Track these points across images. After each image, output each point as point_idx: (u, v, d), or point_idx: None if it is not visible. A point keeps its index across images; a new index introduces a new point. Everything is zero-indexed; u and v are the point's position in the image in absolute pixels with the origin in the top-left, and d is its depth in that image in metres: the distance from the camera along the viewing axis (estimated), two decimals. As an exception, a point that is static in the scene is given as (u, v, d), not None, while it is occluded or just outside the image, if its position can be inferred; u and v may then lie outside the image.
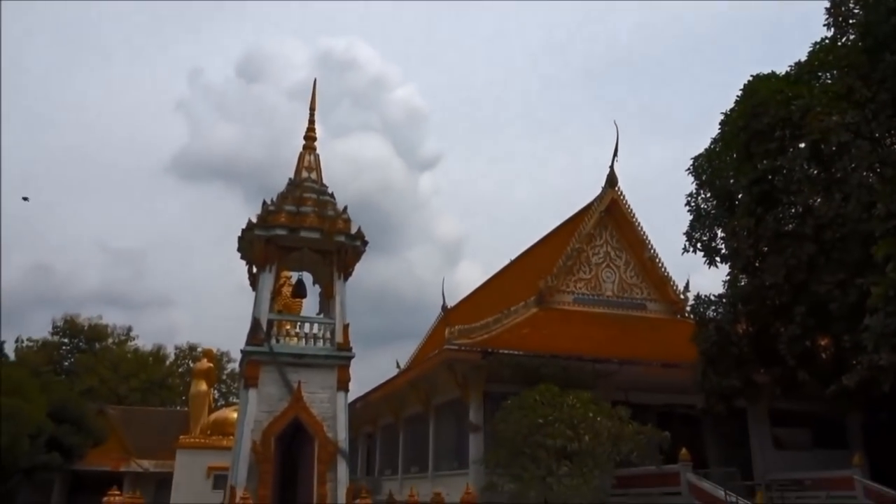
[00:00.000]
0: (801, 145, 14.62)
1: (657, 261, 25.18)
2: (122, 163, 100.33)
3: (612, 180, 25.34)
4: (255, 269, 15.04)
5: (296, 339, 14.34)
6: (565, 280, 23.97)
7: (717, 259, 17.24)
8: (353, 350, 14.30)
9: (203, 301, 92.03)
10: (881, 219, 12.27)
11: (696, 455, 17.30)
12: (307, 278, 16.41)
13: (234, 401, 45.79)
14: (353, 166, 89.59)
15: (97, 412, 40.59)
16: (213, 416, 31.47)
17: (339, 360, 14.06)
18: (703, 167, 17.55)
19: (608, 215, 25.34)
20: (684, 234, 17.82)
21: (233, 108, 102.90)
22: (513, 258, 32.99)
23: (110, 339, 59.95)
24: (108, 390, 52.74)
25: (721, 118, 17.08)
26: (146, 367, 57.84)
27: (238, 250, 15.17)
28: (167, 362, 61.17)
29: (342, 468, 13.43)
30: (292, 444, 13.67)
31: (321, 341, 14.25)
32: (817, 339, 15.59)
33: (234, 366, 54.14)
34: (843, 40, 15.01)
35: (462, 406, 19.34)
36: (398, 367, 35.69)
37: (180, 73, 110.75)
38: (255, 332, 13.74)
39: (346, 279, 14.84)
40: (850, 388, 13.12)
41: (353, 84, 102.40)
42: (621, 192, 25.42)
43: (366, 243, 15.05)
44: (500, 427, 15.57)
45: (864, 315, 12.18)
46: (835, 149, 13.76)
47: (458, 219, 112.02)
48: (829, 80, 15.37)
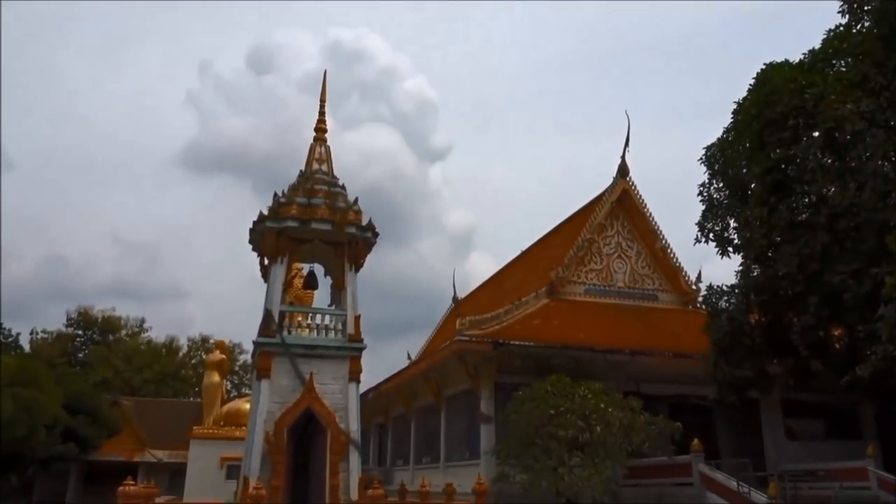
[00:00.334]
0: (815, 134, 14.48)
1: (669, 251, 25.07)
2: (134, 155, 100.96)
3: (623, 170, 25.22)
4: (266, 261, 15.10)
5: (307, 330, 14.38)
6: (576, 271, 23.91)
7: (730, 249, 17.12)
8: (364, 341, 14.35)
9: (215, 293, 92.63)
10: (896, 208, 12.15)
11: (708, 446, 17.25)
12: (318, 270, 16.46)
13: (247, 392, 46.09)
14: (363, 158, 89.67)
15: (111, 403, 41.01)
16: (225, 408, 31.67)
17: (350, 352, 14.12)
18: (716, 157, 17.41)
19: (619, 205, 25.24)
20: (696, 224, 17.70)
21: (243, 100, 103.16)
22: (524, 249, 32.97)
23: (124, 331, 60.45)
24: (122, 382, 53.25)
25: (734, 107, 16.93)
26: (159, 359, 58.31)
27: (250, 242, 15.22)
28: (180, 354, 61.64)
29: (354, 459, 13.50)
30: (305, 434, 13.75)
31: (333, 332, 14.30)
32: (831, 329, 15.47)
33: (247, 357, 54.48)
34: (858, 27, 14.81)
35: (473, 397, 19.38)
36: (409, 358, 35.80)
37: (190, 65, 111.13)
38: (268, 324, 13.81)
39: (357, 270, 14.87)
40: (863, 378, 13.03)
41: (362, 75, 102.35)
42: (633, 183, 25.30)
43: (377, 235, 15.07)
44: (512, 418, 15.58)
45: (879, 305, 12.08)
46: (849, 137, 13.61)
47: (469, 210, 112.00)
48: (844, 68, 15.18)
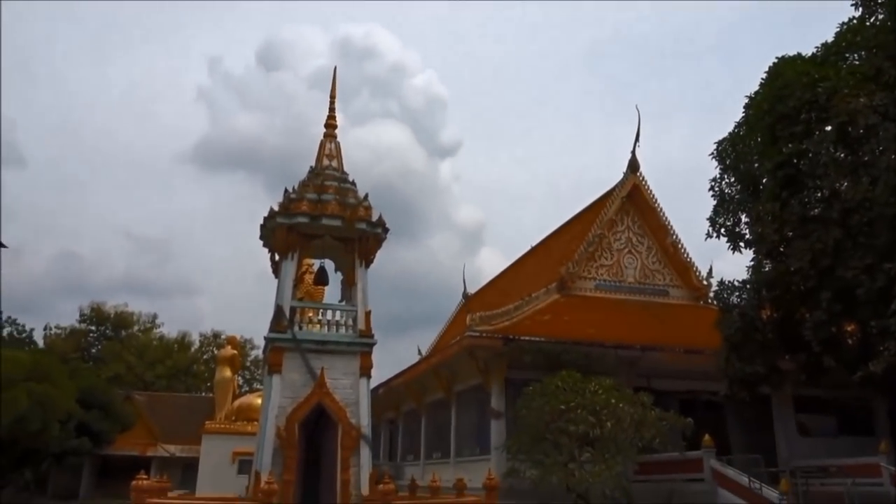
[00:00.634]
0: (828, 128, 14.37)
1: (680, 246, 24.97)
2: (145, 152, 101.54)
3: (633, 165, 25.13)
4: (277, 257, 15.14)
5: (318, 326, 14.41)
6: (587, 266, 23.87)
7: (742, 244, 17.03)
8: (374, 337, 14.38)
9: (226, 289, 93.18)
10: (910, 202, 12.04)
11: (719, 441, 17.21)
12: (329, 266, 16.49)
13: (258, 387, 46.36)
14: (373, 154, 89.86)
15: (124, 398, 41.36)
16: (237, 403, 31.88)
17: (361, 347, 14.13)
18: (727, 151, 17.32)
19: (630, 201, 25.15)
20: (708, 219, 17.63)
21: (253, 96, 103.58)
22: (534, 245, 32.94)
23: (136, 327, 60.87)
24: (135, 377, 53.66)
25: (745, 101, 16.83)
26: (171, 354, 58.71)
27: (260, 238, 15.26)
28: (192, 349, 62.03)
29: (365, 454, 13.53)
30: (316, 429, 13.80)
31: (343, 328, 14.32)
32: (843, 324, 15.36)
33: (258, 352, 54.79)
34: (872, 20, 14.68)
35: (483, 392, 19.40)
36: (420, 353, 35.87)
37: (200, 62, 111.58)
38: (279, 319, 13.84)
39: (367, 266, 14.88)
40: (876, 374, 12.95)
41: (372, 71, 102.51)
42: (643, 178, 25.20)
43: (387, 231, 15.07)
44: (522, 413, 15.59)
45: (892, 300, 12.00)
46: (862, 131, 13.50)
47: (479, 205, 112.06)
48: (857, 62, 15.05)
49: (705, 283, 24.56)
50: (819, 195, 14.91)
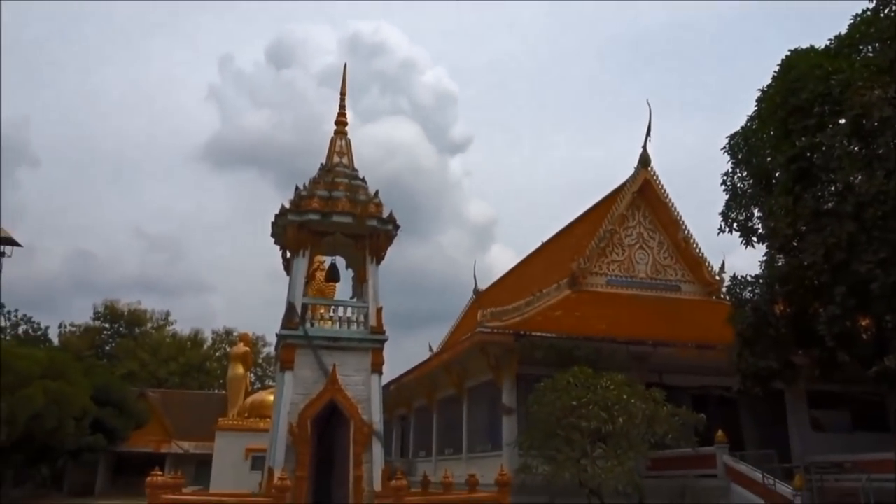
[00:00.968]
0: (842, 121, 14.21)
1: (692, 241, 24.83)
2: (157, 151, 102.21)
3: (644, 160, 24.99)
4: (288, 254, 15.19)
5: (330, 322, 14.45)
6: (598, 262, 23.79)
7: (754, 239, 16.88)
8: (386, 333, 14.41)
9: (238, 286, 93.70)
10: (925, 195, 11.90)
11: (732, 437, 17.15)
12: (340, 262, 16.54)
13: (270, 384, 46.57)
14: (383, 150, 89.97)
15: (138, 395, 41.70)
16: (250, 399, 32.07)
17: (372, 344, 14.17)
18: (740, 145, 17.17)
19: (641, 196, 25.03)
20: (720, 213, 17.47)
21: (263, 94, 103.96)
22: (544, 241, 32.85)
23: (149, 324, 61.30)
24: (149, 374, 54.04)
25: (758, 95, 16.68)
26: (184, 352, 59.08)
27: (272, 235, 15.32)
28: (205, 346, 62.39)
29: (377, 450, 13.57)
30: (328, 426, 13.85)
31: (355, 325, 14.35)
32: (858, 319, 15.21)
33: (270, 349, 55.03)
34: (886, 11, 14.49)
35: (495, 388, 19.40)
36: (431, 350, 35.90)
37: (211, 60, 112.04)
38: (290, 316, 13.89)
39: (378, 263, 14.91)
40: (891, 369, 12.82)
41: (382, 68, 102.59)
42: (654, 173, 25.06)
43: (397, 227, 15.09)
44: (534, 409, 15.58)
45: (907, 295, 11.87)
46: (877, 124, 13.34)
47: (489, 201, 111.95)
48: (871, 54, 14.86)
49: (718, 278, 24.41)
50: (833, 189, 14.75)
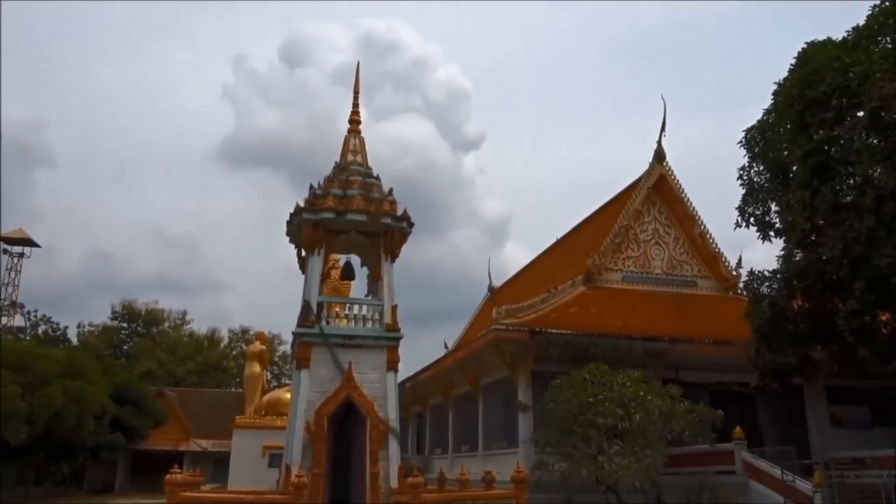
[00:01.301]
0: (860, 114, 14.03)
1: (708, 237, 24.64)
2: (173, 151, 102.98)
3: (659, 155, 24.83)
4: (304, 253, 15.26)
5: (345, 320, 14.49)
6: (613, 258, 23.68)
7: (772, 233, 16.75)
8: (401, 331, 14.43)
9: (254, 285, 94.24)
10: (946, 188, 11.74)
11: (750, 433, 17.03)
12: (355, 261, 16.59)
13: (287, 382, 46.84)
14: (397, 148, 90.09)
15: (156, 394, 42.06)
16: (266, 397, 32.21)
17: (388, 341, 14.21)
18: (756, 139, 17.02)
19: (656, 191, 24.88)
20: (737, 208, 17.34)
21: (277, 93, 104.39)
22: (559, 237, 32.75)
23: (167, 323, 61.75)
24: (166, 373, 54.47)
25: (774, 88, 16.53)
26: (201, 350, 59.47)
27: (287, 234, 15.39)
28: (221, 345, 62.76)
29: (394, 447, 13.61)
30: (345, 423, 13.91)
31: (370, 323, 14.39)
32: (877, 314, 15.05)
33: (286, 348, 55.38)
34: (905, 2, 14.31)
35: (511, 385, 19.37)
36: (446, 347, 35.92)
37: (224, 60, 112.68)
38: (306, 315, 13.95)
39: (393, 261, 14.94)
40: (912, 364, 12.70)
41: (394, 66, 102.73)
42: (669, 168, 24.90)
43: (412, 225, 15.10)
44: (550, 406, 15.54)
45: (928, 289, 11.72)
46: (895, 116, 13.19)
47: (503, 198, 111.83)
48: (890, 45, 14.68)
49: (734, 273, 24.23)
50: (851, 182, 14.58)
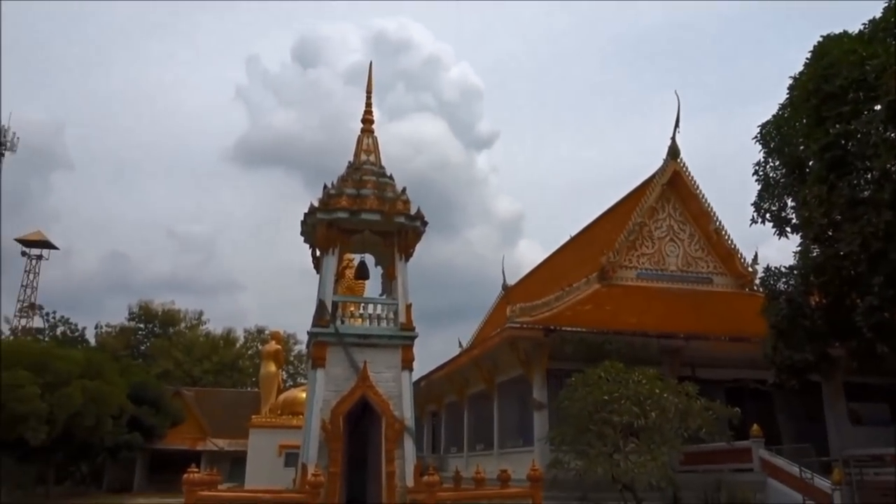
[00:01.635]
0: (877, 107, 13.88)
1: (723, 233, 24.46)
2: (187, 151, 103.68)
3: (674, 152, 24.68)
4: (318, 253, 15.30)
5: (360, 320, 14.52)
6: (627, 255, 23.57)
7: (788, 229, 16.61)
8: (416, 330, 14.44)
9: (269, 284, 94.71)
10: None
11: (767, 431, 16.90)
12: (369, 260, 16.62)
13: (302, 381, 47.03)
14: (410, 147, 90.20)
15: (173, 394, 42.40)
16: (282, 397, 32.34)
17: (402, 340, 14.22)
18: (771, 134, 16.87)
19: (671, 188, 24.73)
20: (752, 204, 17.20)
21: (290, 93, 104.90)
22: (573, 235, 32.64)
23: (183, 324, 62.21)
24: (183, 373, 54.87)
25: (789, 82, 16.37)
26: (217, 350, 59.84)
27: (301, 234, 15.44)
28: (237, 345, 63.14)
29: (409, 446, 13.63)
30: (360, 422, 13.95)
31: (385, 322, 14.41)
32: (896, 310, 14.92)
33: (301, 347, 55.58)
34: (923, -6, 14.12)
35: (525, 384, 19.34)
36: (461, 345, 35.92)
37: (238, 61, 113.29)
38: (321, 314, 14.00)
39: (407, 260, 14.95)
40: (931, 360, 12.55)
41: (407, 65, 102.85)
42: (684, 164, 24.74)
43: (425, 224, 15.11)
44: (565, 404, 15.50)
45: (948, 284, 11.57)
46: (914, 109, 13.02)
47: (517, 196, 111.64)
48: (907, 37, 14.50)
49: (750, 269, 24.04)
50: (869, 177, 14.41)
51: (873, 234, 13.41)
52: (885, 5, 14.69)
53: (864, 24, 15.05)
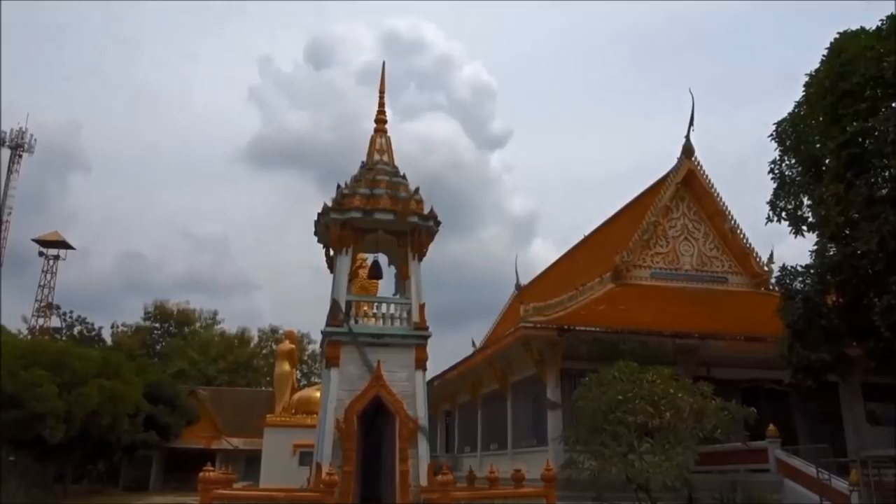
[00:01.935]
0: (895, 104, 13.76)
1: (738, 232, 24.30)
2: (202, 153, 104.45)
3: (688, 150, 24.55)
4: (331, 252, 15.33)
5: (374, 319, 14.52)
6: (641, 255, 23.47)
7: (804, 228, 16.48)
8: (429, 329, 14.45)
9: (283, 284, 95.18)
10: None
11: (784, 431, 16.78)
12: (382, 260, 16.63)
13: (316, 381, 47.22)
14: (423, 146, 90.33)
15: (189, 393, 42.73)
16: (296, 396, 32.44)
17: (416, 340, 14.23)
18: (787, 132, 16.73)
19: (685, 186, 24.60)
20: (768, 202, 17.08)
21: (303, 94, 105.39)
22: (587, 234, 32.54)
23: (198, 323, 62.66)
24: (198, 372, 55.26)
25: (805, 80, 16.23)
26: (232, 350, 60.23)
27: (315, 234, 15.48)
28: (251, 344, 63.50)
29: (423, 445, 13.63)
30: (374, 421, 13.97)
31: (398, 321, 14.41)
32: (916, 309, 14.74)
33: (315, 346, 55.80)
34: (941, -11, 13.97)
35: (539, 383, 19.32)
36: (474, 345, 35.90)
37: (251, 62, 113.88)
38: (335, 314, 14.03)
39: (420, 259, 14.95)
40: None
41: (419, 64, 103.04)
42: (698, 162, 24.60)
43: (439, 223, 15.10)
44: (579, 404, 15.45)
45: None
46: (932, 107, 12.89)
47: (530, 196, 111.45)
48: (925, 33, 14.34)
49: (766, 269, 23.87)
50: (886, 175, 14.27)
51: (891, 232, 13.28)
52: (903, 1, 14.52)
53: (881, 20, 14.90)
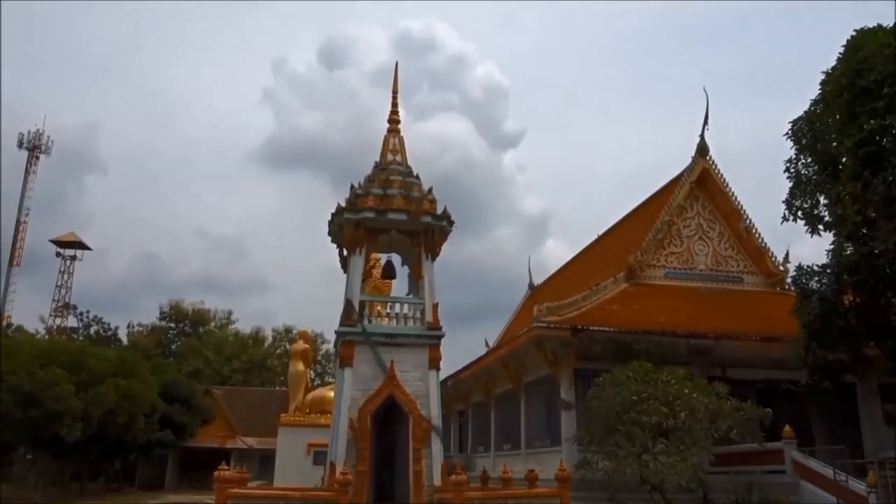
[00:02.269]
0: (914, 102, 13.61)
1: (754, 231, 24.11)
2: (216, 154, 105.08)
3: (702, 149, 24.38)
4: (345, 252, 15.40)
5: (387, 319, 14.57)
6: (655, 254, 23.33)
7: (821, 227, 16.33)
8: (442, 329, 14.46)
9: (296, 284, 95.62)
10: None
11: (800, 432, 16.63)
12: (396, 259, 16.67)
13: (329, 380, 47.38)
14: (436, 146, 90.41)
15: (204, 392, 43.01)
16: (310, 395, 32.54)
17: (429, 340, 14.25)
18: (803, 131, 16.58)
19: (699, 186, 24.43)
20: (784, 202, 16.94)
21: (316, 95, 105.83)
22: (600, 234, 32.41)
23: (213, 323, 63.05)
24: (213, 371, 55.62)
25: (822, 77, 16.08)
26: (247, 349, 60.54)
27: (328, 234, 15.55)
28: (266, 344, 63.80)
29: (436, 445, 13.65)
30: (387, 421, 14.00)
31: (412, 321, 14.45)
32: (934, 309, 14.57)
33: (329, 346, 56.04)
34: (960, -15, 13.80)
35: (553, 383, 19.27)
36: (487, 345, 35.87)
37: (265, 63, 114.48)
38: (349, 314, 14.08)
39: (433, 259, 14.98)
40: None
41: (432, 64, 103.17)
42: (713, 161, 24.43)
43: (452, 223, 15.12)
44: (593, 404, 15.40)
45: None
46: (951, 104, 12.72)
47: (543, 195, 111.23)
48: (944, 30, 14.17)
49: (781, 268, 23.66)
50: (904, 173, 14.13)
51: (909, 231, 13.13)
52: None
53: (899, 17, 14.72)
